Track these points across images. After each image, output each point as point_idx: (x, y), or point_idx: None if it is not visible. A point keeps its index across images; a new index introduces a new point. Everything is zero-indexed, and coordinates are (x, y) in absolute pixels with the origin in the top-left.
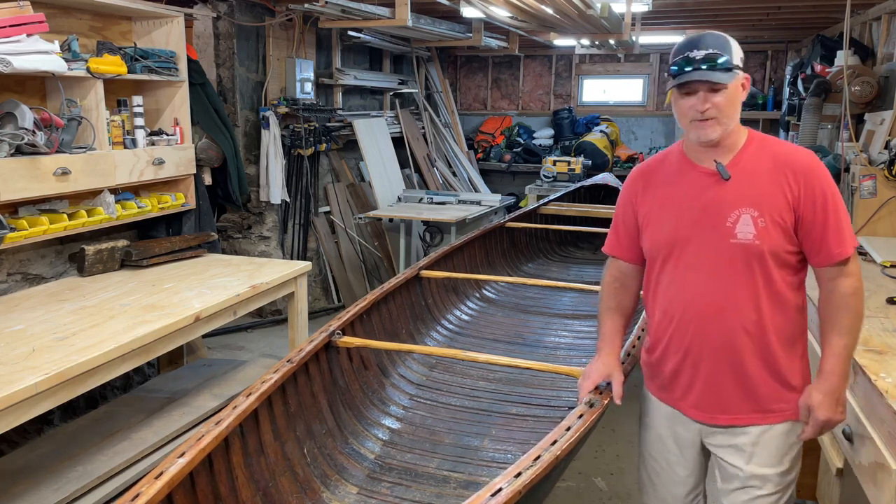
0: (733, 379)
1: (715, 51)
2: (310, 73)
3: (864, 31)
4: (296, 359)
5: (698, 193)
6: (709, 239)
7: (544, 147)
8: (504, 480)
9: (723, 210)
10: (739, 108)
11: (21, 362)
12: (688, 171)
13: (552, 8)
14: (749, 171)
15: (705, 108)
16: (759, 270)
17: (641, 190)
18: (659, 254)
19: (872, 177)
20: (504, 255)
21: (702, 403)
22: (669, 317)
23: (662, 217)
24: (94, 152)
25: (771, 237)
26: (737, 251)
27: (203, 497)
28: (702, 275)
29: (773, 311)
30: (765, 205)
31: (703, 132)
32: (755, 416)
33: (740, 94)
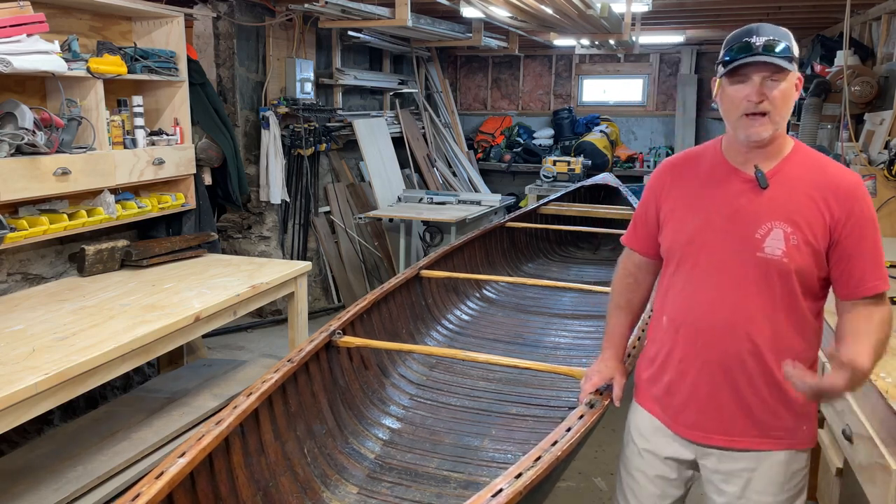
0: (736, 399)
1: (776, 38)
2: (310, 73)
3: (864, 31)
4: (296, 358)
5: (730, 198)
6: (733, 248)
7: (544, 147)
8: (505, 481)
9: (754, 220)
10: (791, 109)
11: (21, 362)
12: (723, 173)
13: (552, 8)
14: (789, 184)
15: (761, 98)
16: (781, 289)
17: (669, 184)
18: (676, 255)
19: (872, 177)
20: (504, 255)
21: (699, 422)
22: (676, 324)
23: (686, 216)
24: (94, 152)
25: (801, 257)
26: (762, 266)
27: (203, 497)
28: (718, 286)
29: (791, 334)
30: (800, 222)
31: (753, 130)
32: (755, 441)
33: (794, 92)
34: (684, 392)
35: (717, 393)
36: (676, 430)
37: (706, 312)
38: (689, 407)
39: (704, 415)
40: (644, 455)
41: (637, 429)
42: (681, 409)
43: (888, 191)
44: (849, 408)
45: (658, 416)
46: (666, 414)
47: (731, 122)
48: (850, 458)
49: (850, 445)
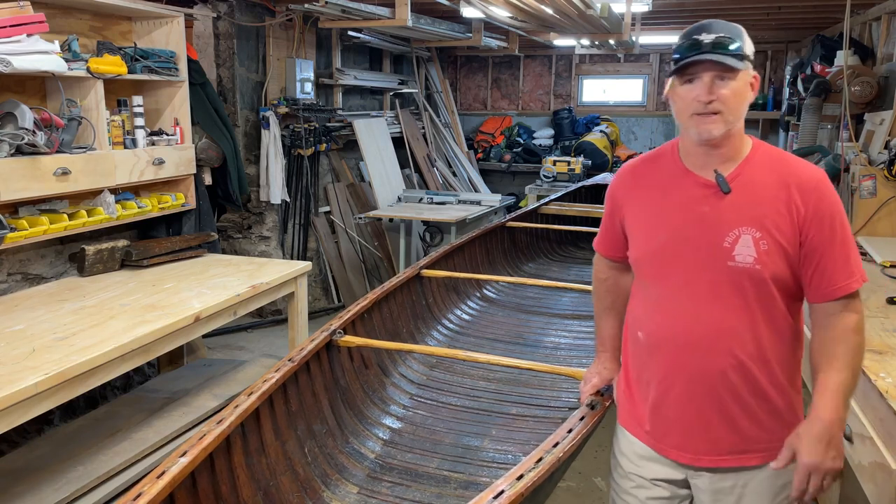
0: (723, 416)
1: (727, 35)
2: (310, 73)
3: (864, 31)
4: (297, 358)
5: (693, 206)
6: (703, 259)
7: (544, 147)
8: (506, 483)
9: (720, 227)
10: (746, 108)
11: (21, 362)
12: (682, 178)
13: (552, 8)
14: (752, 186)
15: (710, 98)
16: (758, 297)
17: (628, 192)
18: (645, 269)
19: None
20: (504, 255)
21: (687, 443)
22: (653, 341)
23: (651, 228)
24: (94, 152)
25: (774, 261)
26: (735, 275)
27: (204, 496)
28: (693, 299)
29: (774, 342)
30: (768, 225)
31: (704, 127)
32: (744, 458)
33: (749, 92)
34: (669, 413)
35: (703, 412)
36: (664, 452)
37: (684, 329)
38: (675, 428)
39: (692, 436)
40: (633, 479)
41: (623, 453)
42: (667, 431)
43: (888, 191)
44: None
45: (643, 439)
46: (652, 437)
47: (683, 122)
48: (850, 458)
49: (850, 445)
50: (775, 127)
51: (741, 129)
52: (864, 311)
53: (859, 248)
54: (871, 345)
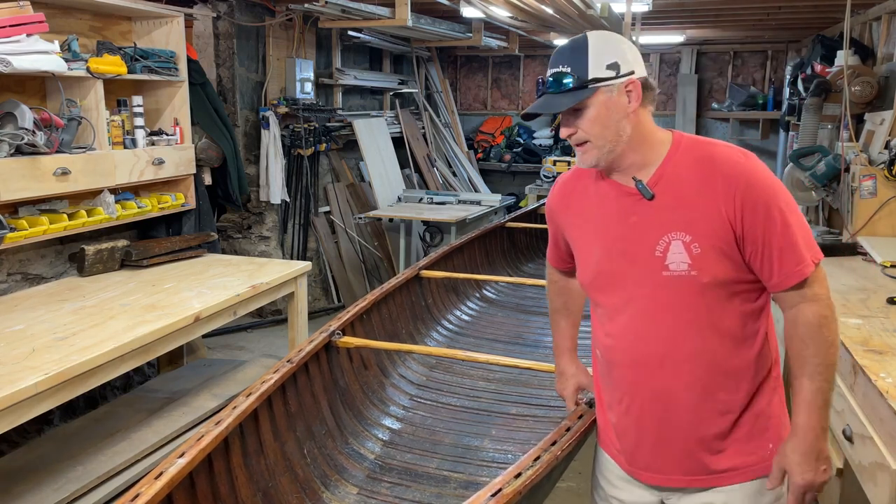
0: (684, 436)
1: (563, 67)
2: (310, 73)
3: (864, 31)
4: (296, 359)
5: (621, 217)
6: (638, 273)
7: (544, 147)
8: (504, 481)
9: (649, 236)
10: (625, 121)
11: (21, 362)
12: (607, 189)
13: (552, 8)
14: (676, 186)
15: (567, 133)
16: (702, 306)
17: (563, 209)
18: (590, 290)
19: (872, 177)
20: (504, 255)
21: (654, 464)
22: (608, 361)
23: (587, 247)
24: (94, 152)
25: (710, 265)
26: (672, 286)
27: (203, 497)
28: (636, 317)
29: (732, 351)
30: (697, 226)
31: (579, 157)
32: (715, 477)
33: (619, 106)
34: (632, 433)
35: (663, 431)
36: (635, 474)
37: (630, 347)
38: (640, 448)
39: (657, 456)
40: (611, 501)
41: (602, 474)
42: (633, 452)
43: (888, 191)
44: (849, 408)
45: (617, 459)
46: (623, 457)
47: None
48: (850, 458)
49: (850, 445)
50: (775, 127)
51: (644, 138)
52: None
53: (860, 248)
54: (871, 344)
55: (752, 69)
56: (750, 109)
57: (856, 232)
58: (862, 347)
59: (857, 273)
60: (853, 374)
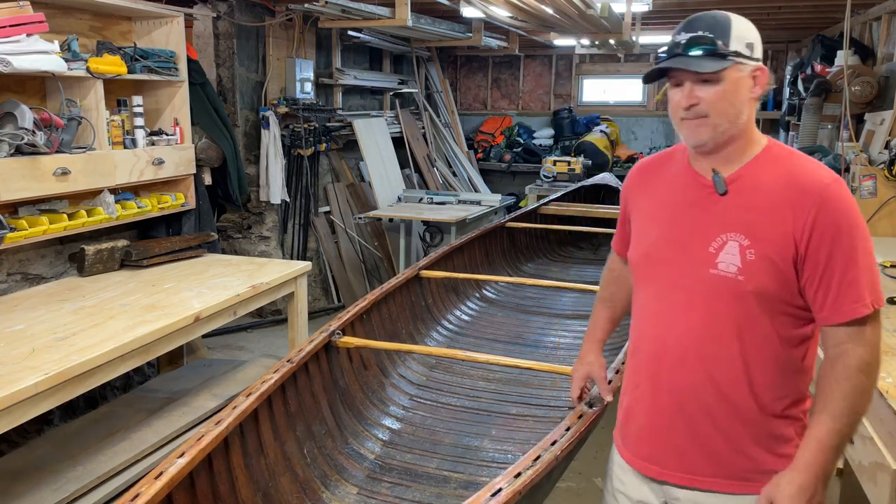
0: (693, 436)
1: (704, 33)
2: (310, 73)
3: (864, 31)
4: (296, 359)
5: (687, 206)
6: (686, 264)
7: (544, 147)
8: (504, 481)
9: (708, 231)
10: (746, 106)
11: (21, 362)
12: (685, 178)
13: (552, 8)
14: (751, 190)
15: (689, 102)
16: (739, 312)
17: (637, 190)
18: (635, 270)
19: (872, 177)
20: (504, 255)
21: (654, 455)
22: (635, 348)
23: (646, 228)
24: (94, 152)
25: (758, 275)
26: (715, 285)
27: (203, 497)
28: (672, 306)
29: (761, 365)
30: (759, 233)
31: (688, 132)
32: (723, 483)
33: (746, 88)
34: (639, 421)
35: (672, 426)
36: (633, 463)
37: (657, 337)
38: (643, 438)
39: (660, 449)
40: (617, 497)
41: (613, 465)
42: (636, 440)
43: (888, 191)
44: None
45: (619, 449)
46: (625, 446)
47: (676, 125)
48: (850, 458)
49: (850, 445)
50: (775, 127)
51: (747, 130)
52: None
53: None
54: None
55: None
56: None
57: None
58: None
59: None
60: None
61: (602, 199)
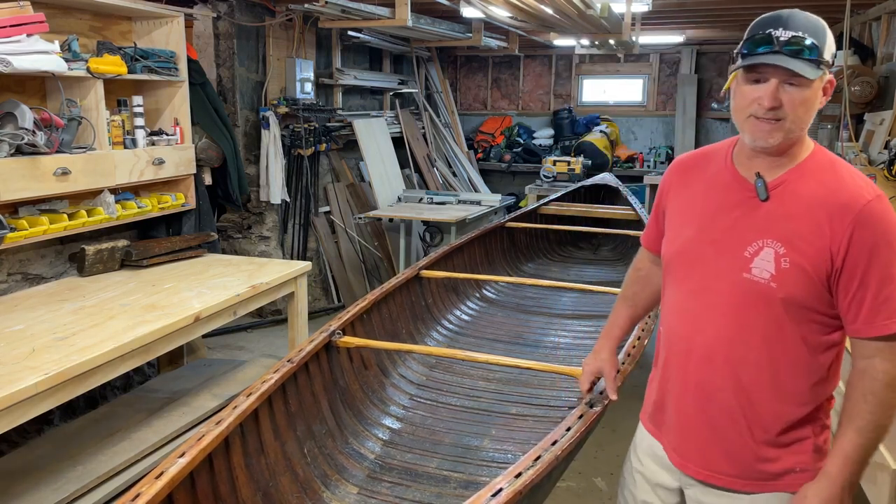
0: (713, 432)
1: (806, 35)
2: (310, 73)
3: (864, 31)
4: (296, 359)
5: (727, 208)
6: (721, 266)
7: (544, 147)
8: (504, 481)
9: (746, 235)
10: (812, 116)
11: (21, 362)
12: (726, 179)
13: (552, 8)
14: (793, 197)
15: (774, 104)
16: (767, 318)
17: (675, 186)
18: (669, 266)
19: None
20: (504, 255)
21: (679, 446)
22: (667, 340)
23: (682, 225)
24: (94, 152)
25: (791, 283)
26: (747, 289)
27: (203, 497)
28: (703, 306)
29: (787, 372)
30: (797, 242)
31: (760, 134)
32: (737, 482)
33: (818, 97)
34: (669, 411)
35: (693, 421)
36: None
37: (687, 334)
38: (671, 427)
39: (683, 440)
40: (636, 477)
41: (635, 447)
42: (667, 429)
43: (888, 191)
44: None
45: (652, 432)
46: (659, 431)
47: (739, 122)
48: None
49: None
50: None
51: (803, 136)
52: None
53: None
54: None
55: None
56: None
57: None
58: None
59: None
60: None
61: (602, 199)
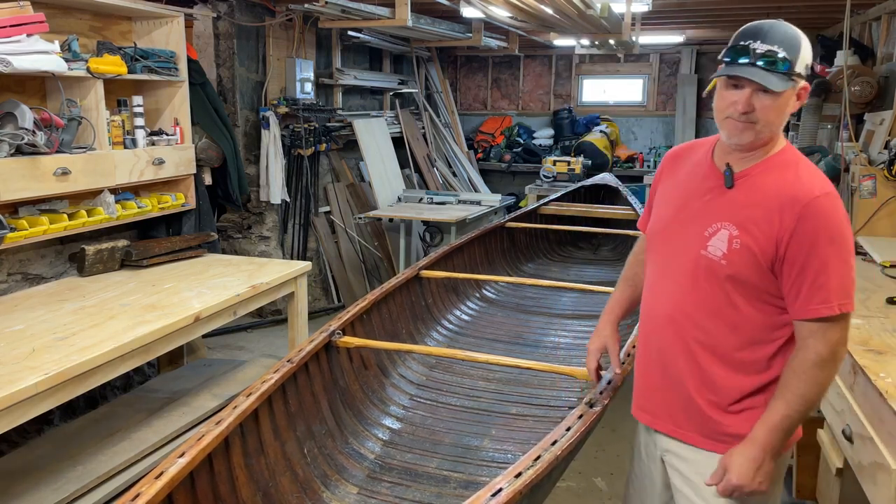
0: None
1: (780, 48)
2: (310, 73)
3: (864, 31)
4: (296, 359)
5: (700, 193)
6: (685, 244)
7: (544, 147)
8: (504, 480)
9: (709, 217)
10: (785, 119)
11: (21, 362)
12: (705, 167)
13: (552, 8)
14: (754, 187)
15: (748, 109)
16: (717, 291)
17: (665, 172)
18: (649, 244)
19: (872, 177)
20: (504, 255)
21: (648, 406)
22: (641, 311)
23: (664, 206)
24: (94, 152)
25: (739, 262)
26: (702, 265)
27: (203, 497)
28: (666, 278)
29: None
30: (749, 227)
31: (734, 132)
32: (699, 440)
33: (793, 104)
34: (640, 377)
35: (657, 382)
36: (635, 413)
37: (653, 304)
38: (639, 390)
39: (652, 401)
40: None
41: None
42: (639, 392)
43: (888, 191)
44: (849, 408)
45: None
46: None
47: (718, 121)
48: (850, 458)
49: (850, 445)
50: None
51: (775, 135)
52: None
53: (860, 248)
54: (871, 344)
55: None
56: None
57: (856, 232)
58: (862, 347)
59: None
60: (853, 374)
61: (602, 199)
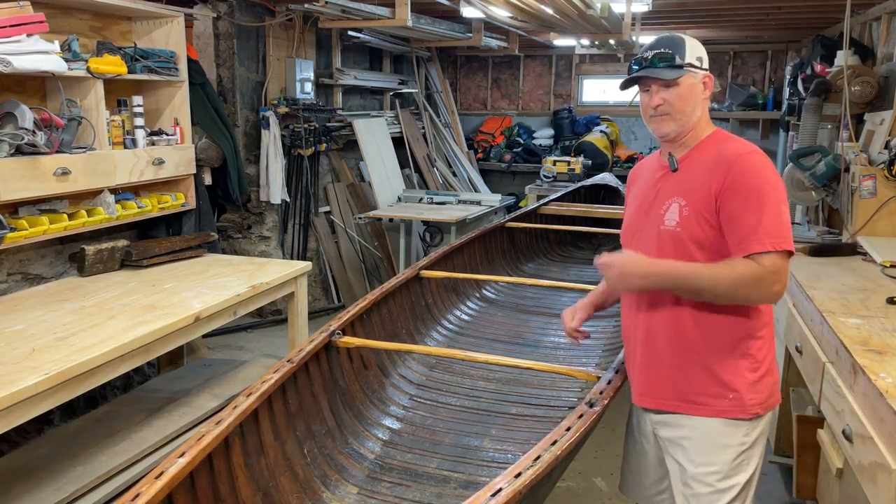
0: (657, 362)
1: (666, 50)
2: (310, 73)
3: (864, 31)
4: (296, 359)
5: (653, 184)
6: (648, 227)
7: (544, 147)
8: (504, 480)
9: (662, 198)
10: (699, 105)
11: (21, 362)
12: (656, 165)
13: (552, 8)
14: (694, 164)
15: (656, 104)
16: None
17: (631, 187)
18: (622, 239)
19: (872, 177)
20: (504, 255)
21: (638, 385)
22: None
23: (629, 211)
24: (94, 152)
25: (691, 225)
26: (663, 237)
27: (203, 497)
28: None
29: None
30: (693, 194)
31: (657, 127)
32: (681, 405)
33: (698, 92)
34: (628, 358)
35: (644, 356)
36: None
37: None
38: (632, 371)
39: (639, 378)
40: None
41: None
42: (632, 378)
43: (888, 191)
44: (849, 408)
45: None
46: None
47: (646, 122)
48: (850, 458)
49: (850, 445)
50: (775, 127)
51: (701, 123)
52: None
53: (860, 248)
54: (871, 344)
55: (751, 69)
56: (750, 109)
57: (856, 232)
58: (862, 347)
59: (857, 273)
60: (853, 374)
61: (602, 199)
